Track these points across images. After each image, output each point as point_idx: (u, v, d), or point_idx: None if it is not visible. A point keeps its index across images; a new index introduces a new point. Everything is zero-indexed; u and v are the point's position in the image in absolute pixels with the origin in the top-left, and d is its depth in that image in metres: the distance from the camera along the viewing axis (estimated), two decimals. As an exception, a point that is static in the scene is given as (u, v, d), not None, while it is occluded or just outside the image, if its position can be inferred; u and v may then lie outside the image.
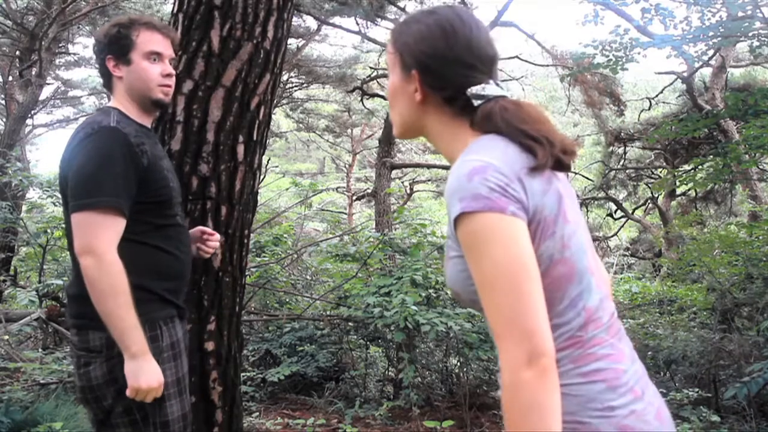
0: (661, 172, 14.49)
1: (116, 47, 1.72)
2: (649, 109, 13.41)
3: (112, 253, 1.54)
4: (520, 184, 0.92)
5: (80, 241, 1.55)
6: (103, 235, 1.54)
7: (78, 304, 1.64)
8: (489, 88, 1.02)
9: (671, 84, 12.47)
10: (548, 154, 0.97)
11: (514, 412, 0.87)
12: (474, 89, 1.02)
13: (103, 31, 1.76)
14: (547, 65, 14.30)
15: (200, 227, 2.00)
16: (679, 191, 13.20)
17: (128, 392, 1.55)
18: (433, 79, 1.03)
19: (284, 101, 15.30)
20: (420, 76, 1.04)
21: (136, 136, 1.65)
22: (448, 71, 1.02)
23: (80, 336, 1.63)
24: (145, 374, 1.54)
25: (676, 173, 9.58)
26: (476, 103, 1.02)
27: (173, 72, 1.78)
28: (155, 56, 1.73)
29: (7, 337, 4.08)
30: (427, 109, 1.06)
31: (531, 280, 0.89)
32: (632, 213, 14.63)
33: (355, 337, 5.08)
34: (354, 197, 17.62)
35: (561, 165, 1.00)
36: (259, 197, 2.61)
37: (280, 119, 18.31)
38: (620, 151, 14.24)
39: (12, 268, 7.06)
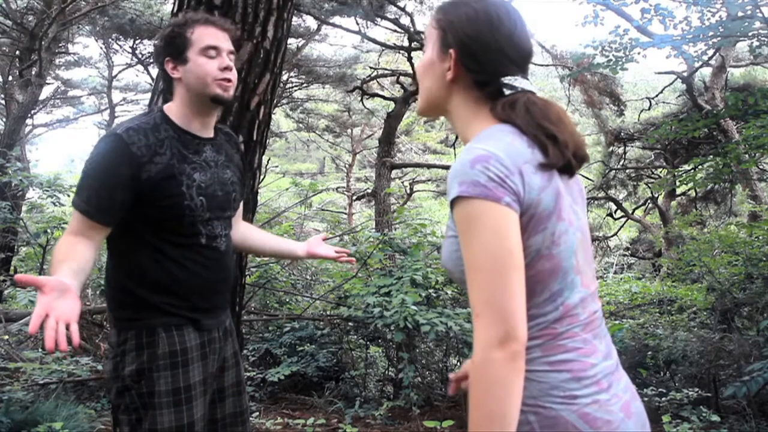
0: (661, 172, 14.49)
1: (172, 48, 1.66)
2: (649, 109, 13.41)
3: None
4: (519, 178, 0.95)
5: None
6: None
7: (106, 302, 1.76)
8: (521, 81, 1.06)
9: (671, 84, 12.47)
10: (560, 155, 1.00)
11: (480, 387, 0.91)
12: (507, 78, 1.05)
13: (159, 34, 1.72)
14: (547, 65, 14.31)
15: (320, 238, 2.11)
16: (679, 191, 13.21)
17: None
18: (471, 61, 1.06)
19: (284, 101, 15.30)
20: (458, 56, 1.06)
21: (148, 146, 1.57)
22: (487, 56, 1.05)
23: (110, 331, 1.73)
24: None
25: (676, 173, 9.56)
26: (507, 92, 1.05)
27: (232, 66, 1.68)
28: (213, 51, 1.65)
29: (7, 337, 4.08)
30: (455, 89, 1.09)
31: (514, 268, 0.93)
32: (632, 213, 14.65)
33: (355, 337, 5.08)
34: (354, 197, 17.62)
35: (568, 169, 1.02)
36: (259, 197, 2.60)
37: (280, 119, 18.33)
38: (620, 151, 14.25)
39: (12, 268, 7.05)
